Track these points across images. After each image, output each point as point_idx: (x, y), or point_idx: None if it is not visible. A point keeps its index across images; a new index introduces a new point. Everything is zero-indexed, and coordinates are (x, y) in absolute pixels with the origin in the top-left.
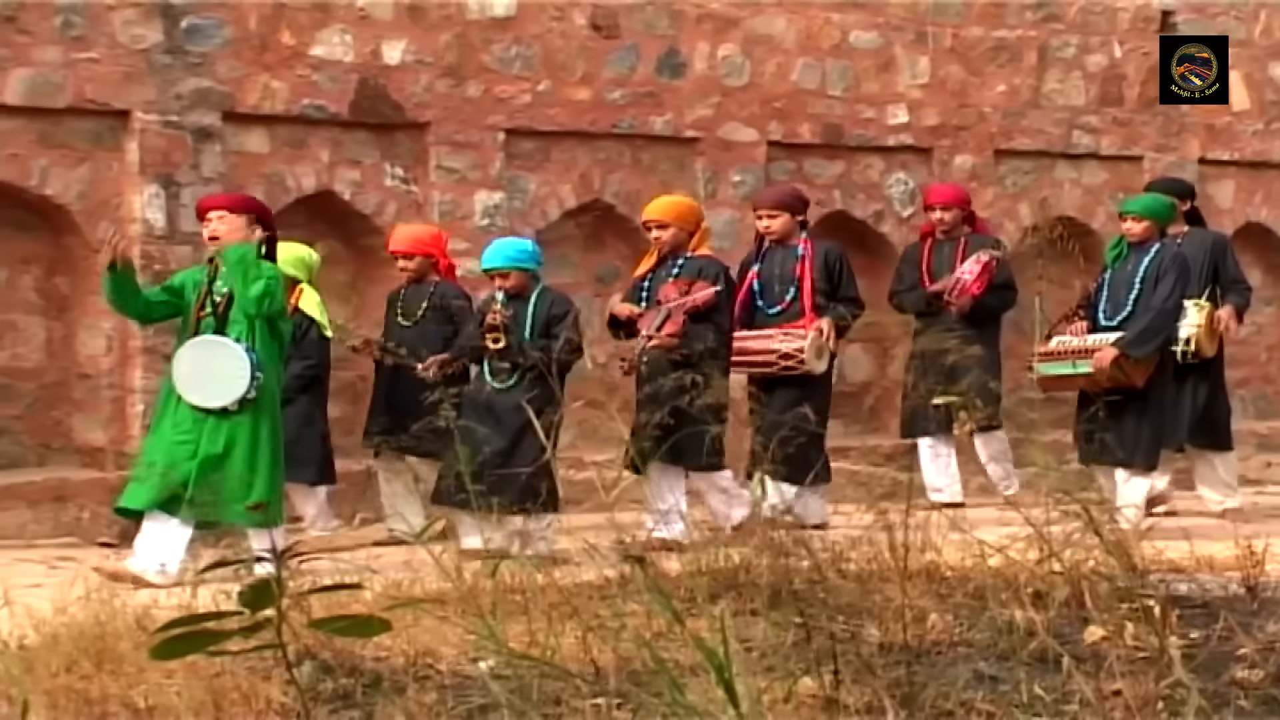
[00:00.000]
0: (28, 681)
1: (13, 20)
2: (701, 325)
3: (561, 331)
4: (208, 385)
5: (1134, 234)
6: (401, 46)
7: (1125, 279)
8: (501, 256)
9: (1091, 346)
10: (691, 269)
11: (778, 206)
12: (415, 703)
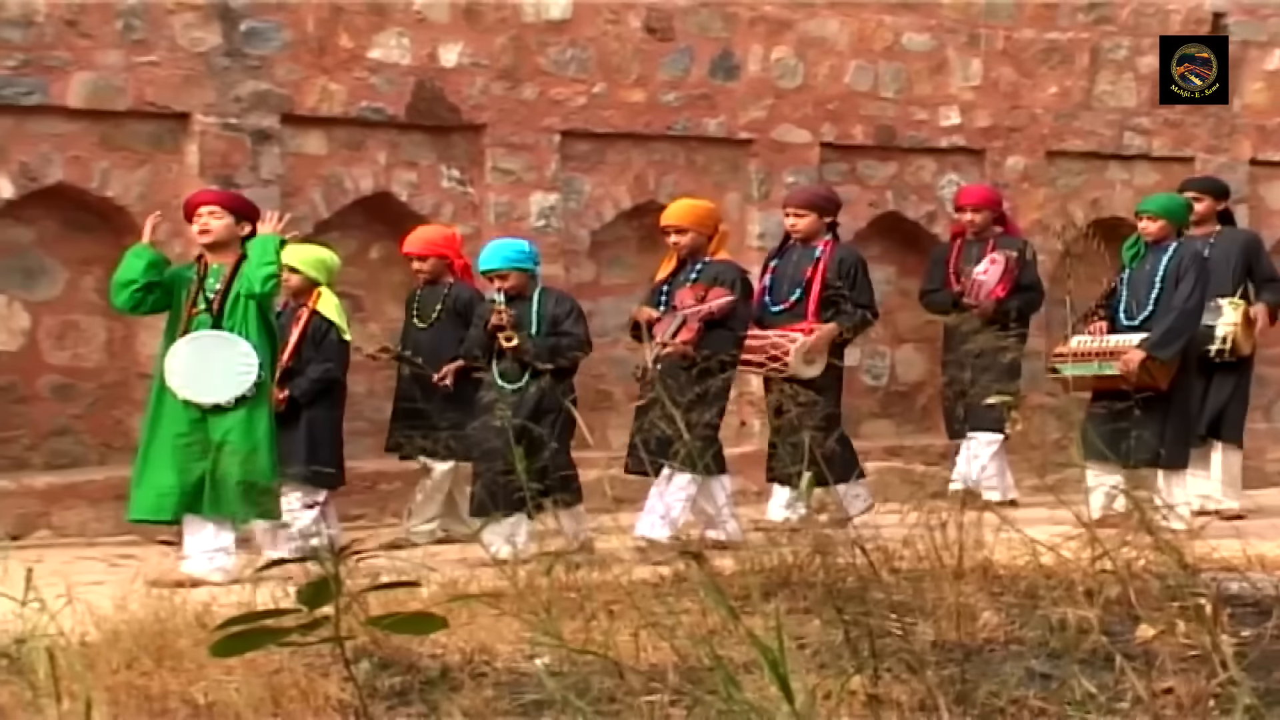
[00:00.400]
0: (90, 678)
1: (74, 24)
2: (718, 331)
3: (567, 328)
4: (207, 381)
5: (1150, 233)
6: (458, 49)
7: (1145, 278)
8: (499, 258)
9: (1115, 348)
10: (709, 274)
11: (806, 206)
12: (472, 699)
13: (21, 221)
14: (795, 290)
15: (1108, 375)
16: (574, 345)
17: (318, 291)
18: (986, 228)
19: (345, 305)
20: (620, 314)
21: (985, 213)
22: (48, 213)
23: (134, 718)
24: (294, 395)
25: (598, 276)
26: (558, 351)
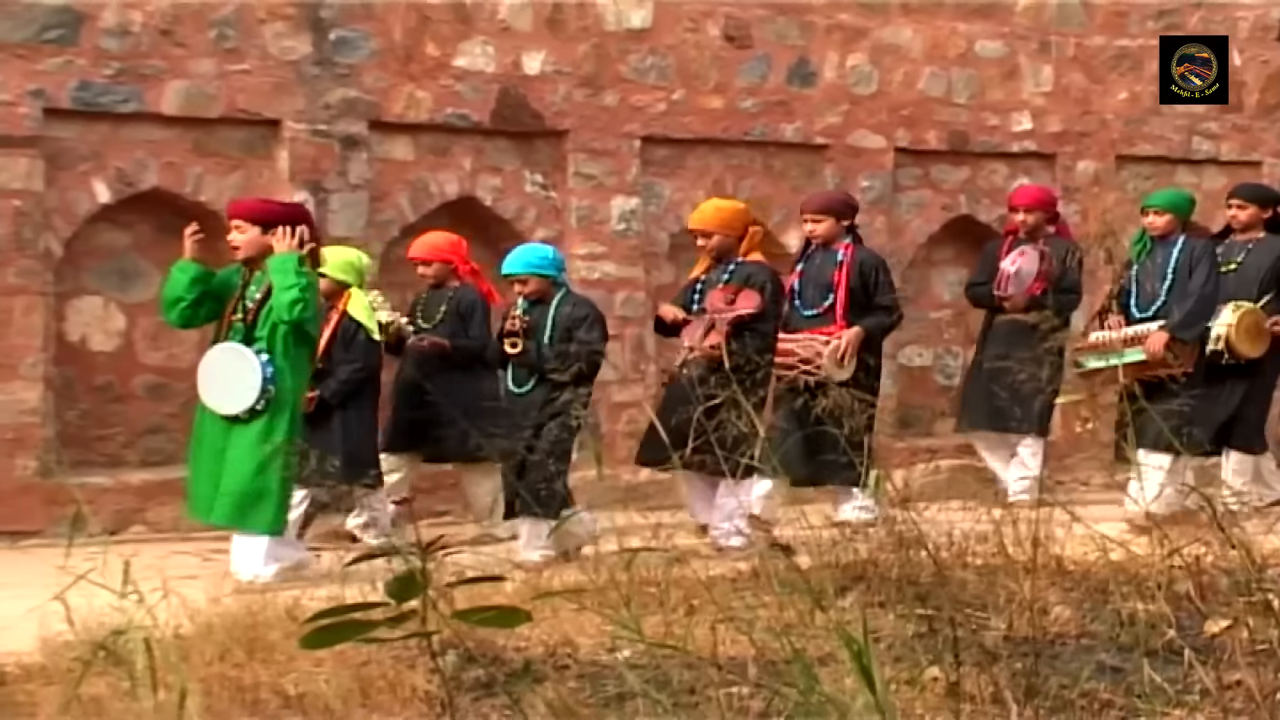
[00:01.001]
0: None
1: (169, 33)
2: (747, 335)
3: (580, 335)
4: (222, 391)
5: (1156, 227)
6: (541, 57)
7: (1155, 272)
8: (520, 263)
9: (1137, 335)
10: (740, 275)
11: (822, 211)
12: (555, 691)
13: (118, 226)
14: (826, 295)
15: (1130, 363)
16: (583, 353)
17: (348, 293)
18: (1039, 228)
19: None
20: None
21: (1038, 213)
22: (143, 217)
23: (227, 708)
24: (324, 396)
25: (677, 278)
26: (564, 358)
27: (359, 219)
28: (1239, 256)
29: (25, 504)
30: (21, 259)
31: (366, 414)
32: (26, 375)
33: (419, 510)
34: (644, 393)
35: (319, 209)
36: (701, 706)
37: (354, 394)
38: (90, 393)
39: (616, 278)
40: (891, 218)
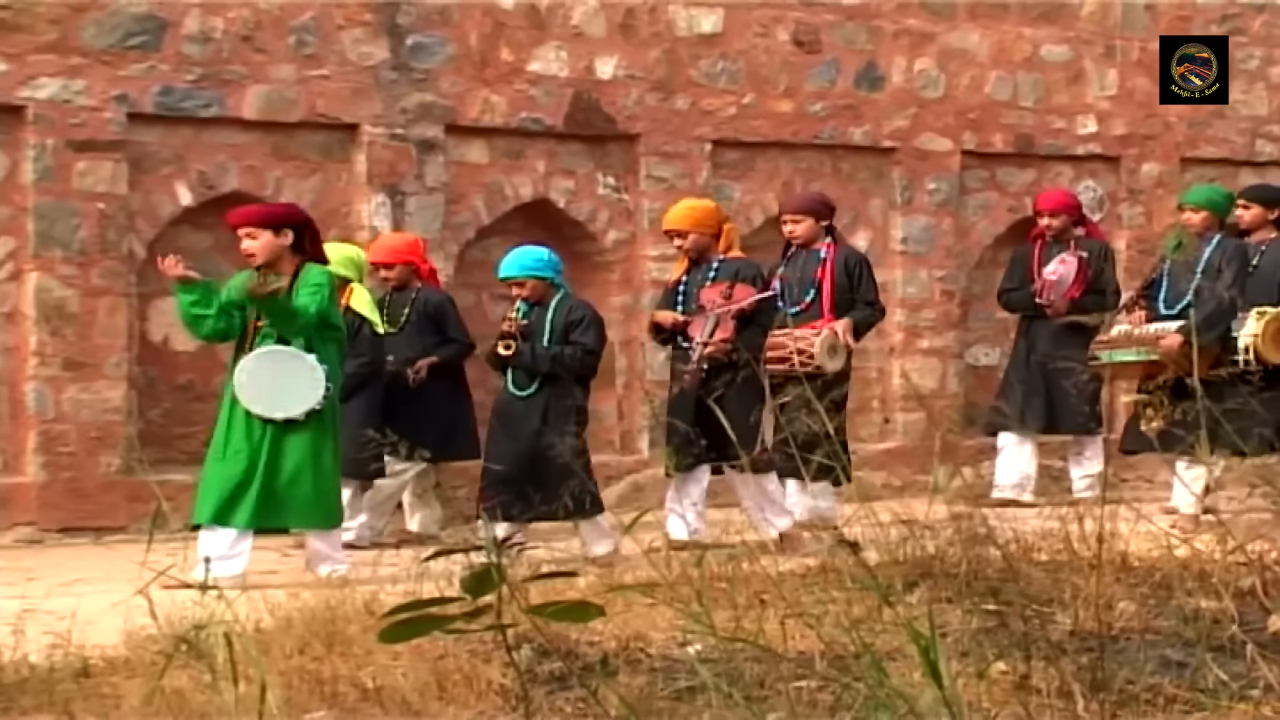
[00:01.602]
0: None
1: (249, 40)
2: (750, 328)
3: (576, 337)
4: (276, 396)
5: (1194, 224)
6: (613, 62)
7: (1185, 269)
8: (517, 266)
9: (1156, 334)
10: (728, 271)
11: (801, 211)
12: (627, 684)
13: (200, 228)
14: (809, 292)
15: (1147, 361)
16: (577, 355)
17: (350, 288)
18: (1065, 230)
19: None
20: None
21: (1062, 217)
22: (224, 219)
23: (306, 701)
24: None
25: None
26: (558, 360)
27: (435, 221)
28: (1254, 259)
29: (109, 501)
30: (106, 261)
31: (373, 406)
32: (110, 375)
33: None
34: None
35: (396, 211)
36: (771, 700)
37: (359, 387)
38: (172, 392)
39: None
40: (958, 219)
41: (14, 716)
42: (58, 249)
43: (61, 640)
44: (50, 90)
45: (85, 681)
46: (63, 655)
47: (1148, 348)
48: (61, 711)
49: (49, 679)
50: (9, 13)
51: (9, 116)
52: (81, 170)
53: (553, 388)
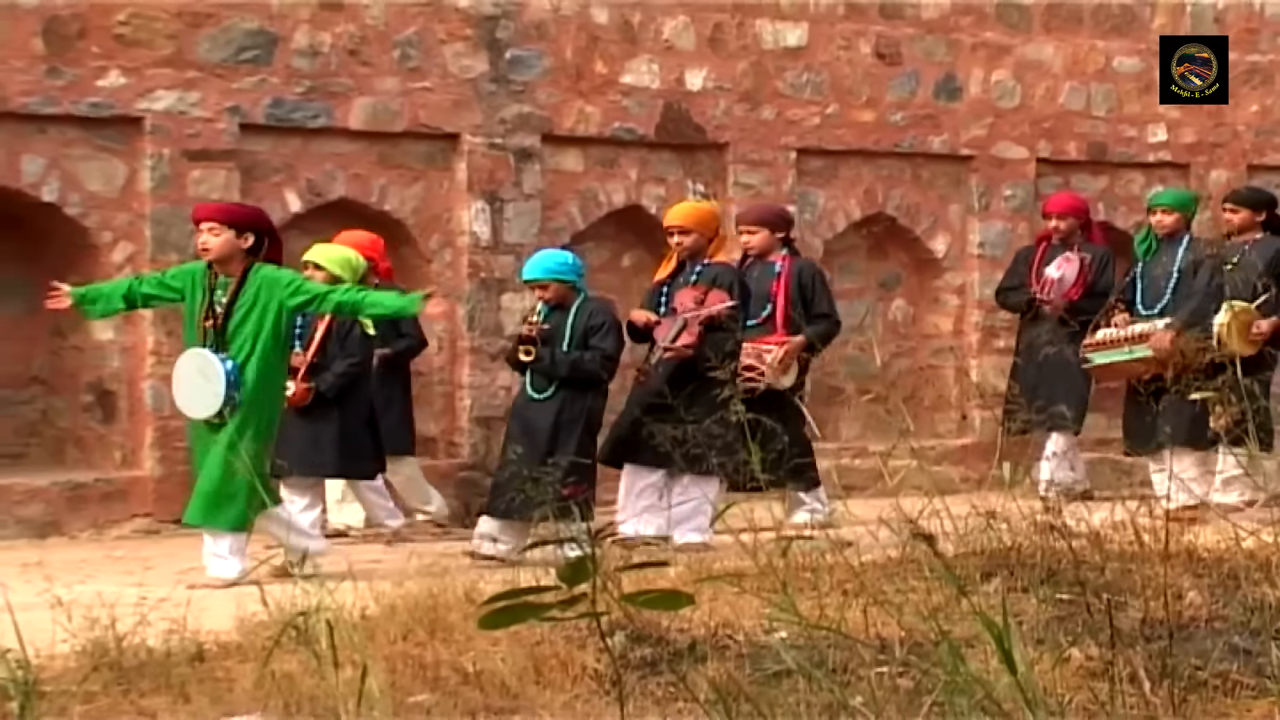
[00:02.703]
0: (369, 648)
1: (356, 53)
2: (718, 334)
3: (595, 342)
4: (191, 396)
5: (1164, 226)
6: (703, 74)
7: (1161, 270)
8: (540, 269)
9: (1143, 333)
10: (707, 275)
11: (757, 223)
12: (716, 669)
13: (307, 233)
14: (765, 305)
15: (1138, 359)
16: (596, 359)
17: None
18: (1072, 234)
19: None
20: (852, 315)
21: (1070, 220)
22: (331, 225)
23: (410, 684)
24: (320, 390)
25: (831, 282)
26: (578, 365)
27: (532, 227)
28: (1234, 257)
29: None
30: None
31: (361, 407)
32: None
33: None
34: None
35: (495, 217)
36: (853, 684)
37: (348, 388)
38: None
39: None
40: (1034, 224)
41: (134, 698)
42: (173, 253)
43: (177, 626)
44: (167, 102)
45: (200, 665)
46: (179, 640)
47: (1138, 346)
48: (178, 694)
49: (166, 663)
50: (128, 28)
51: (128, 127)
52: (196, 178)
53: (568, 392)
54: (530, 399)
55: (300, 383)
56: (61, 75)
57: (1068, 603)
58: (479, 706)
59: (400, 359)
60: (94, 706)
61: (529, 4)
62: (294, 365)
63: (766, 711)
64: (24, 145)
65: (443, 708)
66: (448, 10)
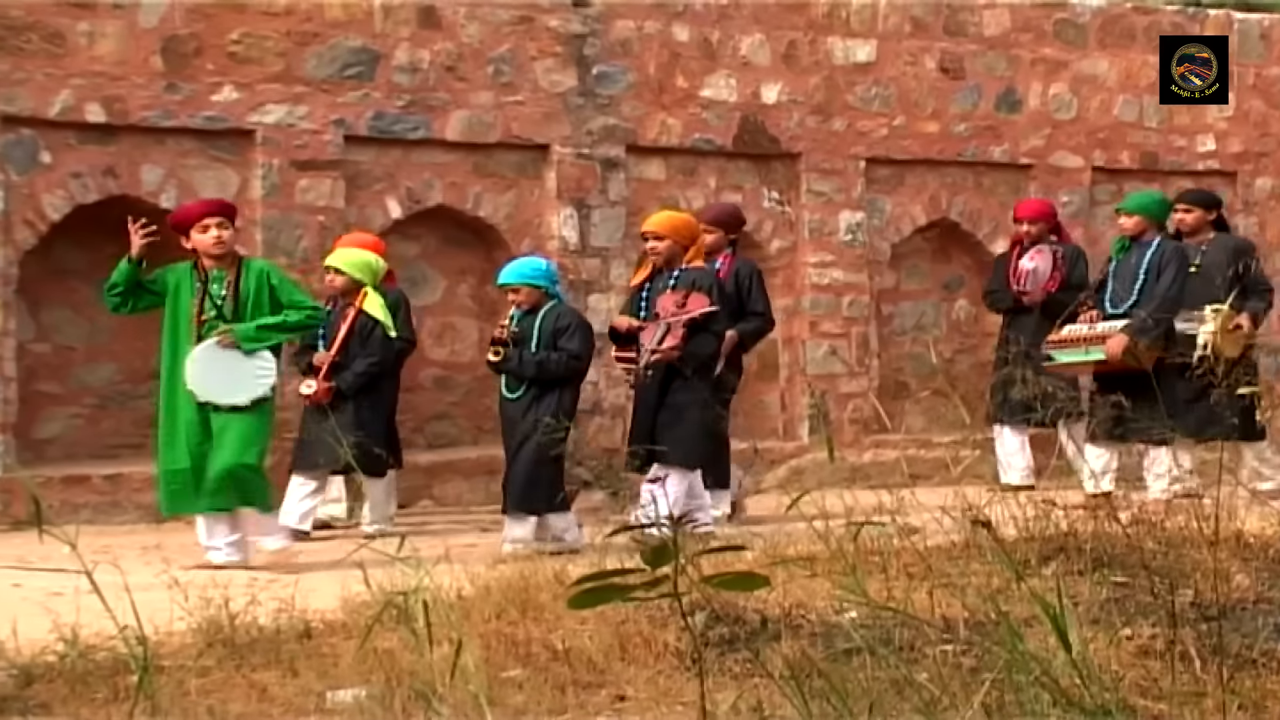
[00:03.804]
0: (464, 626)
1: (453, 69)
2: (701, 335)
3: (562, 344)
4: (227, 383)
5: (1128, 229)
6: (777, 88)
7: (1129, 271)
8: (514, 274)
9: (1102, 334)
10: (686, 280)
11: (714, 223)
12: (790, 647)
13: (408, 238)
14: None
15: (1094, 360)
16: (562, 360)
17: (363, 291)
18: (1042, 237)
19: None
20: (916, 315)
21: (1040, 224)
22: (429, 230)
23: (503, 660)
24: (340, 388)
25: (897, 283)
26: (544, 365)
27: (617, 231)
28: (1196, 258)
29: None
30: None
31: (380, 405)
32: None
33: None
34: (868, 384)
35: (583, 223)
36: (919, 662)
37: (368, 386)
38: None
39: (844, 282)
40: (1089, 229)
41: (245, 672)
42: (282, 256)
43: (286, 605)
44: (277, 116)
45: (307, 642)
46: (287, 619)
47: (1094, 348)
48: (286, 669)
49: (276, 639)
50: (241, 47)
51: (240, 139)
52: (304, 187)
53: (540, 391)
54: (506, 398)
55: (322, 381)
56: (179, 91)
57: (1121, 585)
58: (567, 681)
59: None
60: (208, 680)
61: (615, 22)
62: (316, 364)
63: (837, 687)
64: (144, 156)
65: (533, 682)
66: (539, 29)
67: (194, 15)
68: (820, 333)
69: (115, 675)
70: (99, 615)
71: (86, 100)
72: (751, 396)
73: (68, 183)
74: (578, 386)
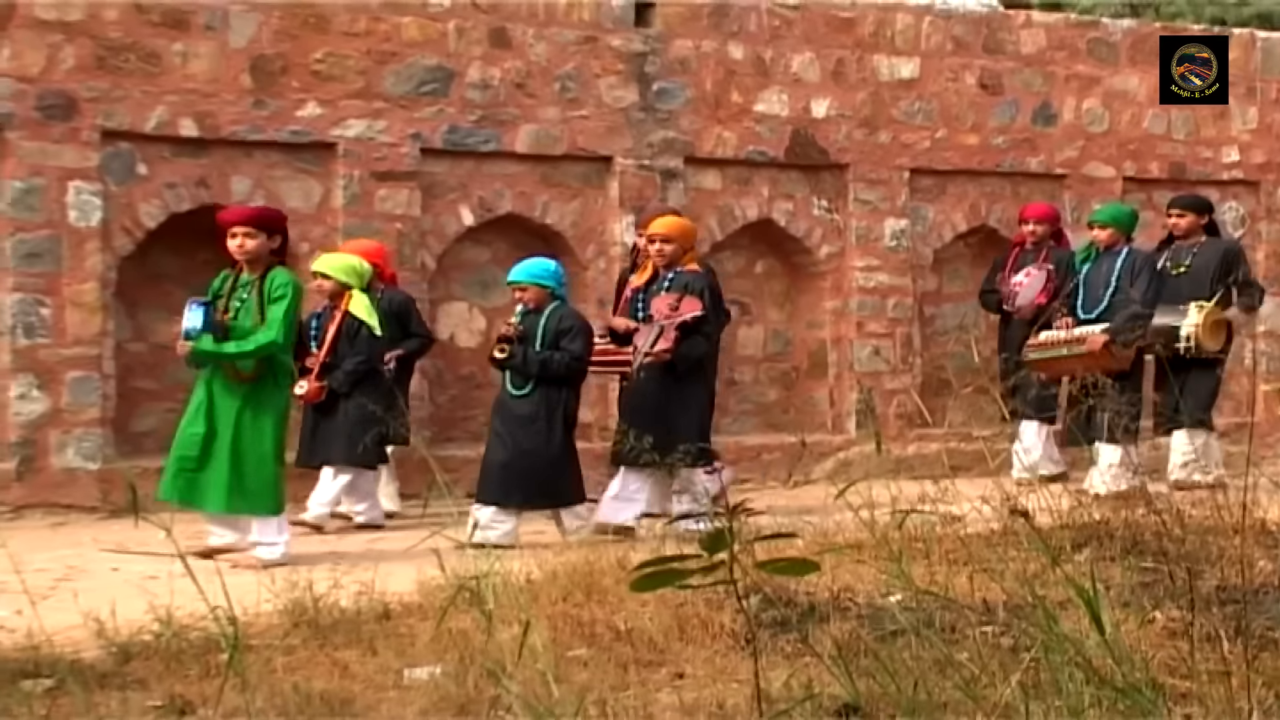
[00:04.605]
0: (532, 608)
1: (522, 86)
2: (693, 338)
3: (564, 344)
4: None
5: (1101, 239)
6: (826, 103)
7: (1100, 279)
8: (523, 273)
9: (1081, 336)
10: (679, 283)
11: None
12: (838, 629)
13: (479, 244)
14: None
15: (1076, 357)
16: (565, 360)
17: (350, 294)
18: (1044, 239)
19: (734, 312)
20: (957, 316)
21: (1045, 225)
22: (500, 236)
23: (569, 640)
24: (332, 387)
25: (939, 286)
26: (547, 364)
27: None
28: (1187, 260)
29: (403, 472)
30: (403, 271)
31: (370, 402)
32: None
33: (728, 479)
34: (911, 381)
35: None
36: (960, 642)
37: (358, 384)
38: (457, 381)
39: (889, 285)
40: None
41: (328, 651)
42: None
43: (366, 588)
44: (357, 130)
45: (385, 623)
46: (367, 601)
47: (1076, 347)
48: (367, 647)
49: (356, 620)
50: (324, 65)
51: (323, 152)
52: (382, 196)
53: (545, 389)
54: (510, 395)
55: (314, 381)
56: (266, 107)
57: (1150, 570)
58: (629, 660)
59: (411, 357)
60: (294, 658)
61: (674, 42)
62: (308, 365)
63: (883, 666)
64: (233, 168)
65: (597, 661)
66: (602, 48)
67: (280, 36)
68: (866, 333)
69: (207, 653)
70: (192, 597)
71: (180, 116)
72: (802, 393)
73: (163, 193)
74: (579, 388)
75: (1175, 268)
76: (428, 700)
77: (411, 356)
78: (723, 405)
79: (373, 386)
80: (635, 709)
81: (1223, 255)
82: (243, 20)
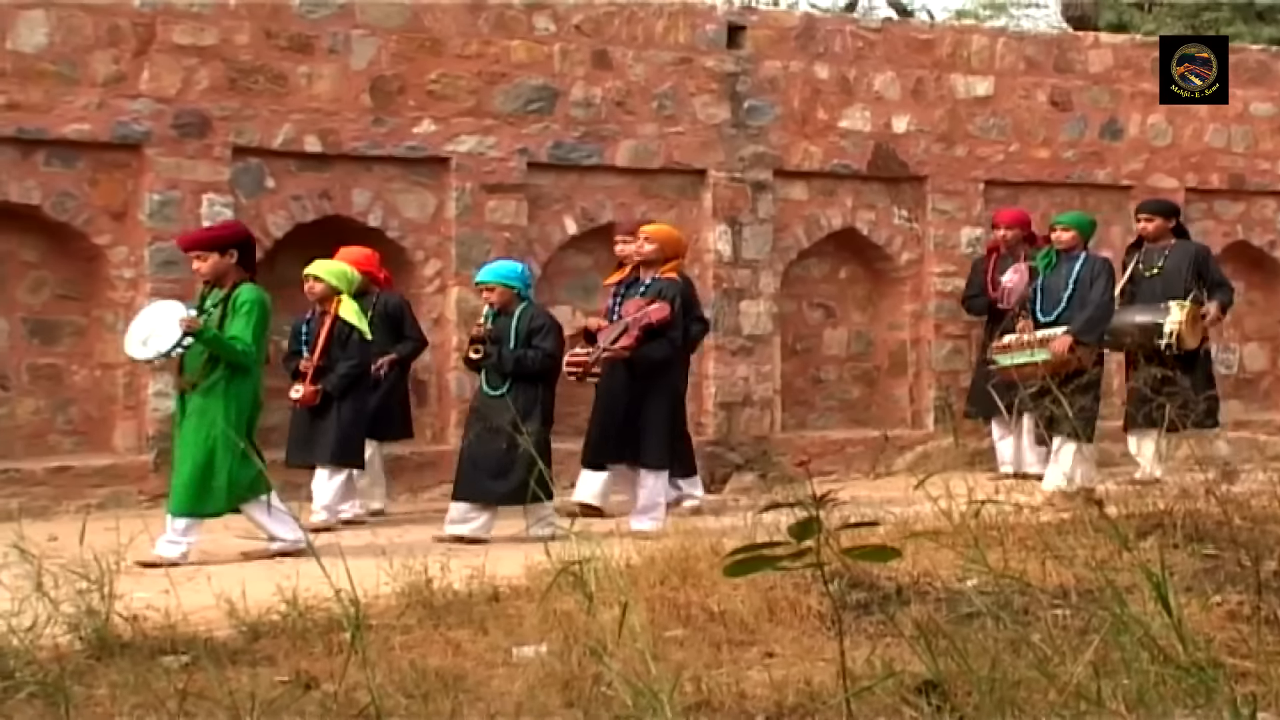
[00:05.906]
0: (631, 591)
1: (621, 104)
2: (658, 340)
3: (536, 343)
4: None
5: (1063, 242)
6: (906, 119)
7: (1059, 283)
8: (491, 274)
9: (1045, 338)
10: (655, 288)
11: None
12: (918, 611)
13: (582, 251)
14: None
15: (1040, 361)
16: (538, 357)
17: (339, 299)
18: (1018, 244)
19: (819, 315)
20: None
21: (1016, 230)
22: (601, 245)
23: (666, 621)
24: (326, 390)
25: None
26: (521, 362)
27: (765, 245)
28: (1159, 262)
29: None
30: None
31: (359, 405)
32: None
33: (813, 469)
34: None
35: (735, 238)
36: (1033, 624)
37: (350, 387)
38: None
39: None
40: None
41: (442, 630)
42: (471, 268)
43: (477, 572)
44: (469, 145)
45: (495, 604)
46: (478, 584)
47: (1039, 350)
48: (478, 627)
49: (468, 602)
50: (438, 85)
51: (437, 166)
52: (492, 207)
53: (521, 387)
54: (488, 395)
55: (308, 385)
56: (384, 124)
57: (1212, 557)
58: (722, 639)
59: (405, 360)
60: (410, 637)
61: (763, 62)
62: (301, 369)
63: (960, 646)
64: (354, 181)
65: (692, 640)
66: (697, 68)
67: (398, 58)
68: (944, 334)
69: (330, 632)
70: (316, 580)
71: (305, 133)
72: (883, 390)
73: (289, 204)
74: (553, 385)
75: (1148, 269)
76: (534, 676)
77: (406, 359)
78: (809, 402)
79: (360, 390)
80: (728, 685)
81: (1194, 257)
82: (363, 44)
